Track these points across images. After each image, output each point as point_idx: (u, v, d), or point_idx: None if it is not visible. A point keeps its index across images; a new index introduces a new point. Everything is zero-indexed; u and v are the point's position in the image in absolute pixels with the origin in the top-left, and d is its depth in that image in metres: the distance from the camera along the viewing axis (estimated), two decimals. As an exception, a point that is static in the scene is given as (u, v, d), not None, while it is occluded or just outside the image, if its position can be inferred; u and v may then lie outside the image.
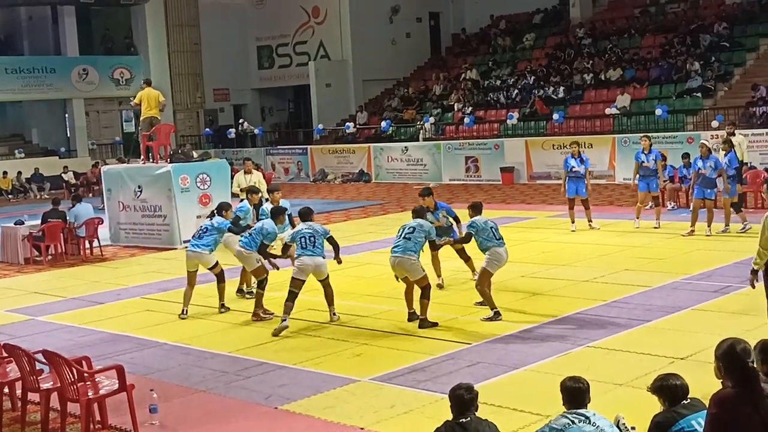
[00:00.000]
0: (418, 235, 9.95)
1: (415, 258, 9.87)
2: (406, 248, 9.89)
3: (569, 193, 16.03)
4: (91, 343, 10.06)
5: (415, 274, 9.89)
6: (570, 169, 16.05)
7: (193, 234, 11.55)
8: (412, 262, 9.86)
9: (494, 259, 10.05)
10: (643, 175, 15.81)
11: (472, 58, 34.18)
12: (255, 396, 7.86)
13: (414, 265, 9.87)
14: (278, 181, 30.77)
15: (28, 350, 7.44)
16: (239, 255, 11.07)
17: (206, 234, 11.16)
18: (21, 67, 34.21)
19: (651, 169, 15.72)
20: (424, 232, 10.01)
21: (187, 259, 11.24)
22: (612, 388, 7.29)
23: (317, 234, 10.17)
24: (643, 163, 15.76)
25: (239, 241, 11.11)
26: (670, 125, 24.62)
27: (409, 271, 9.91)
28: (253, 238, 10.84)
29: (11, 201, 31.09)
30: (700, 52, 27.04)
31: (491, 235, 10.05)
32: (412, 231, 9.97)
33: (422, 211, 10.52)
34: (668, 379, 4.76)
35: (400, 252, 9.90)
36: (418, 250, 9.94)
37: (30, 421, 7.48)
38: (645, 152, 15.82)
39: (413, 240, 9.91)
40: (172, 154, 18.37)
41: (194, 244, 11.18)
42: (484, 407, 5.32)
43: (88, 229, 16.84)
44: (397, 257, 9.92)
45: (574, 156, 16.10)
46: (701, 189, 14.81)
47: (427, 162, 28.44)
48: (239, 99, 39.42)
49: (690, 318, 9.64)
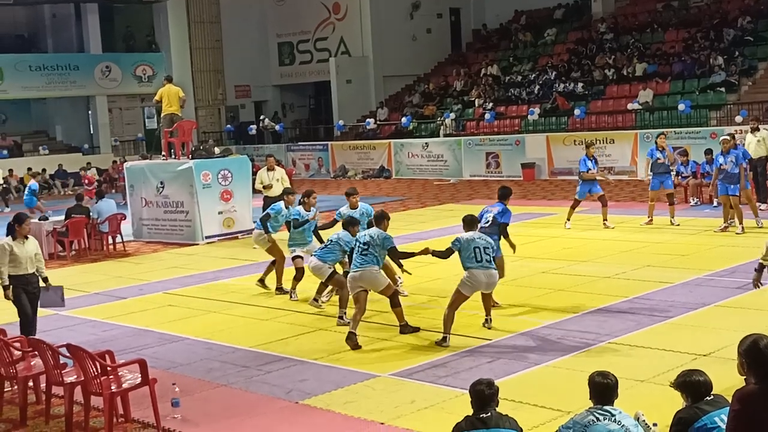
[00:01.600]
0: (373, 250, 9.31)
1: (376, 269, 9.37)
2: (364, 263, 9.30)
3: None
4: (114, 337, 10.13)
5: (379, 285, 9.42)
6: (588, 170, 15.90)
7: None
8: (372, 274, 9.33)
9: (469, 281, 9.06)
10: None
11: (493, 54, 34.08)
12: (276, 391, 7.89)
13: (375, 276, 9.36)
14: (299, 177, 30.88)
15: (53, 344, 7.52)
16: (313, 267, 10.40)
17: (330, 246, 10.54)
18: (45, 65, 34.52)
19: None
20: (378, 246, 9.32)
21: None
22: (634, 385, 7.25)
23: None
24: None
25: (314, 254, 10.51)
26: (693, 120, 24.42)
27: (372, 283, 9.37)
28: (330, 249, 10.37)
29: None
30: (724, 46, 26.80)
31: (472, 255, 9.04)
32: (366, 248, 9.32)
33: (379, 217, 9.72)
34: (691, 375, 4.74)
35: (359, 267, 9.32)
36: (379, 262, 9.41)
37: (54, 415, 7.55)
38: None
39: (369, 256, 9.29)
40: (194, 150, 18.47)
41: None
42: (504, 403, 5.32)
43: (111, 224, 16.97)
44: (357, 271, 9.32)
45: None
46: (724, 185, 14.60)
47: (447, 158, 28.40)
48: (260, 95, 39.54)
49: (713, 314, 9.57)
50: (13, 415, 7.69)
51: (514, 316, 9.99)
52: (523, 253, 13.75)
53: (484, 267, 9.05)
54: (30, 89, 34.19)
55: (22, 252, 9.13)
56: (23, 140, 35.91)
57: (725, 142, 14.94)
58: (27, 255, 9.18)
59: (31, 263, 9.23)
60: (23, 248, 9.15)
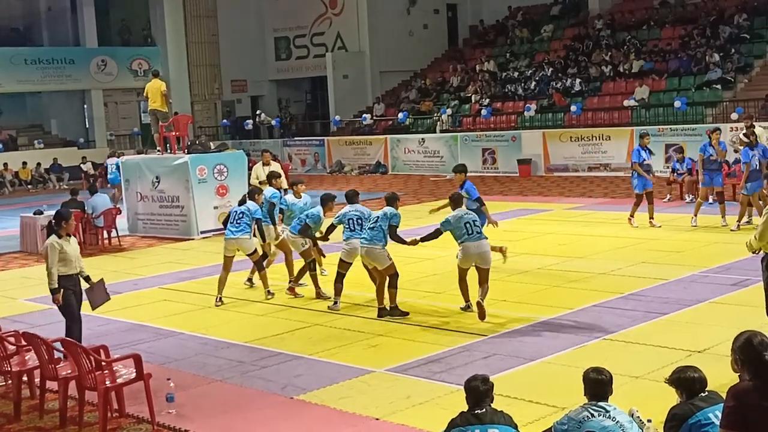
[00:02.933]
0: (382, 223, 9.97)
1: (380, 246, 9.92)
2: (372, 237, 9.93)
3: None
4: (109, 332, 10.12)
5: (383, 263, 9.94)
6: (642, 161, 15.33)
7: (227, 220, 11.51)
8: (378, 251, 9.91)
9: (462, 253, 9.72)
10: (709, 170, 15.05)
11: (490, 50, 34.06)
12: (271, 386, 7.89)
13: (380, 254, 9.93)
14: (295, 173, 30.82)
15: (47, 339, 7.51)
16: (288, 240, 11.27)
17: (242, 219, 11.21)
18: (40, 58, 34.44)
19: (718, 163, 15.01)
20: (387, 219, 9.99)
21: (227, 245, 11.27)
22: (628, 381, 7.26)
23: (364, 217, 10.35)
24: (710, 157, 14.98)
25: (289, 228, 11.32)
26: (689, 117, 24.44)
27: (375, 260, 9.96)
28: (301, 221, 11.07)
29: (30, 191, 31.32)
30: (720, 43, 26.82)
31: (464, 230, 9.66)
32: (376, 220, 10.03)
33: (391, 199, 10.32)
34: (686, 372, 4.75)
35: (366, 242, 9.96)
36: (384, 239, 9.95)
37: (48, 409, 7.54)
38: (713, 145, 15.01)
39: (376, 229, 9.94)
40: (190, 145, 18.44)
41: (232, 230, 11.22)
42: (499, 399, 5.32)
43: (106, 219, 16.95)
44: (364, 247, 9.99)
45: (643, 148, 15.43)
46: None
47: (444, 154, 28.40)
48: (256, 90, 39.48)
49: (708, 311, 9.59)
50: (7, 409, 7.67)
51: (509, 312, 9.99)
52: (518, 248, 13.80)
53: (474, 239, 9.62)
54: (25, 83, 34.11)
55: (70, 250, 8.66)
56: (18, 134, 35.82)
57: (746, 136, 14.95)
58: (75, 253, 8.74)
59: (78, 261, 8.83)
60: (70, 246, 8.68)
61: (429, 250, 13.81)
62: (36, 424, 7.30)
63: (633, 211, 15.37)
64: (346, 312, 10.49)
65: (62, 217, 8.76)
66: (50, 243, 8.55)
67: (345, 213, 10.50)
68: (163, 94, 17.94)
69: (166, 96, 18.18)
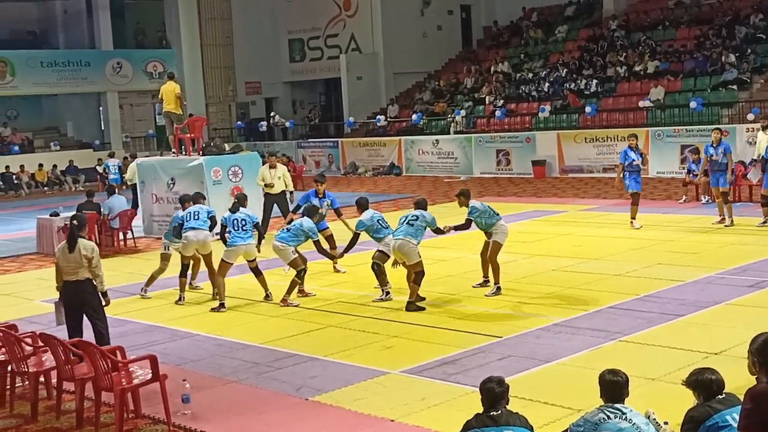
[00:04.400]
0: (421, 223, 10.57)
1: (414, 243, 10.43)
2: (407, 233, 10.46)
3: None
4: (125, 333, 10.15)
5: (412, 259, 10.43)
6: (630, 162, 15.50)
7: (227, 227, 11.55)
8: (410, 247, 10.41)
9: (503, 231, 11.00)
10: (711, 170, 15.20)
11: (504, 51, 34.00)
12: (286, 387, 7.90)
13: (412, 250, 10.42)
14: (309, 174, 30.87)
15: (64, 340, 7.54)
16: (275, 249, 11.24)
17: (246, 225, 11.36)
18: (56, 61, 34.67)
19: (720, 163, 15.06)
20: (426, 222, 10.64)
21: (234, 251, 11.29)
22: (645, 383, 7.23)
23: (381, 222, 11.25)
24: (712, 157, 15.11)
25: (276, 237, 11.37)
26: (704, 118, 24.29)
27: (406, 254, 10.45)
28: (293, 234, 11.12)
29: (46, 193, 31.51)
30: (736, 44, 26.66)
31: (491, 213, 10.96)
32: (416, 219, 10.60)
33: (424, 203, 11.04)
34: (703, 374, 4.73)
35: (402, 236, 10.45)
36: (418, 237, 10.52)
37: (65, 410, 7.58)
38: (714, 145, 15.17)
39: (415, 227, 10.52)
40: (205, 146, 18.50)
41: (240, 236, 11.30)
42: (514, 401, 5.31)
43: (122, 220, 17.02)
44: (398, 240, 10.47)
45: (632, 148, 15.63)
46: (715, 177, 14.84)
47: (458, 155, 28.37)
48: (271, 92, 39.57)
49: (724, 313, 9.53)
50: (24, 410, 7.72)
51: (524, 314, 9.97)
52: (533, 250, 13.79)
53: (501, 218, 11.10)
54: (41, 85, 34.34)
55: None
56: (35, 136, 36.06)
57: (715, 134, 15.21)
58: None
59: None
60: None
61: (443, 251, 13.81)
62: (53, 425, 7.34)
63: (633, 212, 15.42)
64: (360, 313, 10.49)
65: (84, 222, 8.87)
66: (93, 246, 8.52)
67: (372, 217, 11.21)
68: (177, 97, 18.00)
69: (181, 98, 18.23)
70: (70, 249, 8.37)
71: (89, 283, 8.43)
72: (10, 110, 36.55)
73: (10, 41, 35.52)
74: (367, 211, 11.36)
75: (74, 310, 8.50)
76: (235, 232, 11.33)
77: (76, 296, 8.45)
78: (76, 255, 8.33)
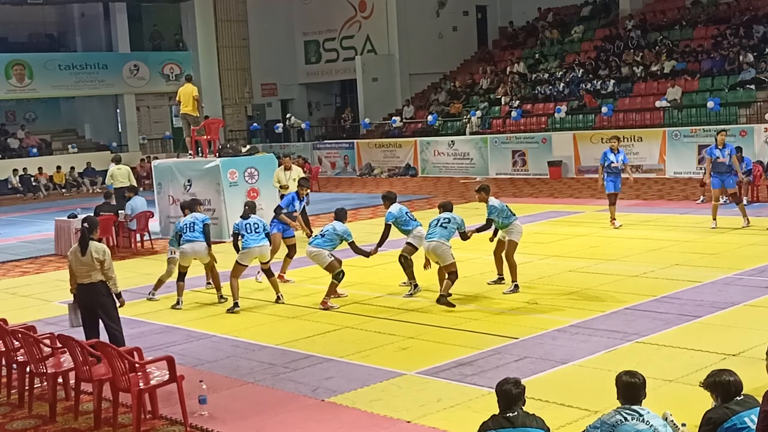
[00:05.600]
0: (453, 225, 10.81)
1: (448, 245, 10.66)
2: (441, 235, 10.68)
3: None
4: (142, 334, 10.22)
5: (446, 260, 10.63)
6: (609, 164, 15.85)
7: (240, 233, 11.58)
8: (445, 248, 10.62)
9: (518, 231, 11.22)
10: (717, 172, 15.17)
11: (520, 52, 33.93)
12: (302, 388, 7.92)
13: (446, 251, 10.63)
14: (325, 176, 30.95)
15: (82, 341, 7.59)
16: (309, 254, 11.22)
17: (259, 228, 11.43)
18: (74, 64, 34.87)
19: (727, 165, 15.08)
20: (457, 224, 10.86)
21: (249, 253, 11.34)
22: (662, 384, 7.19)
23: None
24: (717, 159, 15.11)
25: (310, 242, 11.38)
26: (722, 118, 24.15)
27: (440, 256, 10.65)
28: (328, 238, 11.08)
29: (64, 195, 31.72)
30: (754, 43, 26.48)
31: (509, 212, 11.21)
32: (448, 221, 10.83)
33: (450, 205, 11.24)
34: (721, 375, 4.70)
35: (437, 237, 10.66)
36: (450, 238, 10.74)
37: (83, 411, 7.63)
38: (719, 147, 15.21)
39: (449, 229, 10.76)
40: (221, 148, 18.56)
41: (254, 238, 11.34)
42: (531, 402, 5.30)
43: (140, 222, 17.09)
44: (432, 242, 10.68)
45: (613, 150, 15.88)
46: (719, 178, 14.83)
47: (473, 156, 28.33)
48: (286, 94, 39.67)
49: (742, 314, 9.47)
50: (42, 411, 7.77)
51: (540, 315, 9.95)
52: (549, 251, 13.75)
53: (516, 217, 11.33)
54: (59, 88, 34.55)
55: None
56: (52, 138, 36.29)
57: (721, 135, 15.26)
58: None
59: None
60: None
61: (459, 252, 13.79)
62: (71, 425, 7.39)
63: (612, 212, 15.81)
64: (376, 314, 10.50)
65: (96, 225, 8.87)
66: (105, 248, 8.53)
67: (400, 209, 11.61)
68: (195, 99, 18.07)
69: (198, 100, 18.31)
70: (82, 252, 8.42)
71: (103, 286, 8.47)
72: (28, 113, 36.82)
73: (28, 44, 35.82)
74: (395, 205, 11.66)
75: (90, 312, 8.55)
76: (248, 235, 11.36)
77: (90, 299, 8.51)
78: (88, 258, 8.38)
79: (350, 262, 13.35)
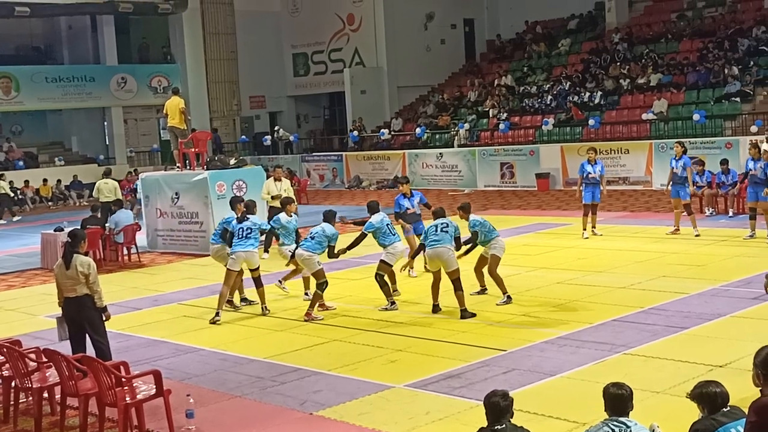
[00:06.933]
0: (451, 229, 10.74)
1: (453, 250, 10.60)
2: (444, 240, 10.58)
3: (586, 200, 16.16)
4: (129, 348, 10.16)
5: (452, 266, 10.51)
6: (586, 175, 16.06)
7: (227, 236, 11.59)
8: (451, 254, 10.57)
9: (501, 246, 11.19)
10: (673, 182, 15.84)
11: (507, 64, 34.08)
12: (290, 402, 7.89)
13: (452, 257, 10.58)
14: (313, 188, 30.94)
15: (68, 355, 7.54)
16: (299, 257, 11.24)
17: (251, 234, 11.38)
18: (61, 76, 34.79)
19: (680, 176, 15.64)
20: (453, 228, 10.79)
21: (235, 260, 11.32)
22: (649, 396, 7.21)
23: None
24: (673, 170, 15.81)
25: (301, 245, 11.31)
26: (708, 130, 24.33)
27: (447, 261, 10.53)
28: (318, 241, 11.09)
29: (51, 208, 31.58)
30: (738, 56, 26.70)
31: (491, 227, 11.21)
32: (446, 225, 10.73)
33: (442, 211, 11.12)
34: (708, 386, 4.71)
35: (444, 243, 10.55)
36: (452, 243, 10.65)
37: (69, 426, 7.58)
38: (676, 158, 15.82)
39: (449, 233, 10.67)
40: (209, 161, 18.53)
41: (241, 243, 11.31)
42: (519, 414, 5.30)
43: (126, 235, 17.03)
44: (439, 247, 10.55)
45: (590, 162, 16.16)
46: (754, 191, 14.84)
47: (462, 168, 28.39)
48: (275, 106, 39.69)
49: (729, 325, 9.51)
50: (28, 426, 7.72)
51: (528, 327, 9.95)
52: (537, 263, 13.78)
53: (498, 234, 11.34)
54: (46, 101, 34.45)
55: None
56: (39, 151, 36.17)
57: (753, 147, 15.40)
58: None
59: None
60: None
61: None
62: (57, 440, 7.34)
63: (584, 223, 16.13)
64: (364, 327, 10.48)
65: (83, 238, 8.73)
66: (90, 262, 8.42)
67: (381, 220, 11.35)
68: (181, 112, 18.05)
69: (185, 113, 18.28)
70: (66, 266, 8.37)
71: (89, 299, 8.40)
72: (14, 125, 36.68)
73: (15, 57, 35.67)
74: (377, 214, 11.50)
75: (76, 326, 8.50)
76: (237, 240, 11.36)
77: (76, 312, 8.44)
78: (73, 271, 8.32)
79: (338, 275, 13.38)
